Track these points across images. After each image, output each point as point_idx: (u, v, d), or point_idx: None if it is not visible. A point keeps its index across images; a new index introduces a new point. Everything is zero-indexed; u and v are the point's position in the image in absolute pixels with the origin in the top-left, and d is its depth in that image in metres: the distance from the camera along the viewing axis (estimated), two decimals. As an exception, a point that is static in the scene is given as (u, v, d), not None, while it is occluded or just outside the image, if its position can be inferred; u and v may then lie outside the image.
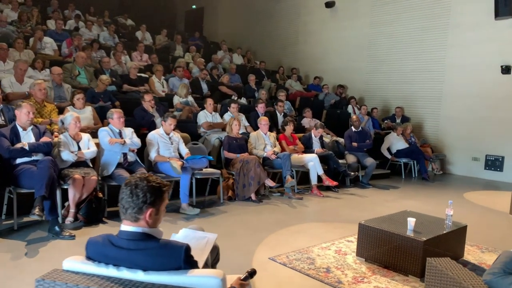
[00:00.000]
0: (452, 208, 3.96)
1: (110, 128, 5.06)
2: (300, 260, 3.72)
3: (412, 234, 3.58)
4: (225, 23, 16.00)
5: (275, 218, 5.14)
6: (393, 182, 8.28)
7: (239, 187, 5.93)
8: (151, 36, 12.32)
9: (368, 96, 11.43)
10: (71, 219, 4.45)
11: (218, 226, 4.71)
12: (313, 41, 12.79)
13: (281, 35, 13.79)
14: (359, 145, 7.65)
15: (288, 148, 6.82)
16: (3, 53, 6.40)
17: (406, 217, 3.89)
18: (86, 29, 10.49)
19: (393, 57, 10.83)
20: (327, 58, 12.39)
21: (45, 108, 5.29)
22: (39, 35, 8.22)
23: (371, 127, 9.55)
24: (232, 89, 9.47)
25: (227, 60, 12.54)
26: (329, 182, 6.58)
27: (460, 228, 3.95)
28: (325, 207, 5.92)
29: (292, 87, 11.38)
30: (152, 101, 6.14)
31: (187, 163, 5.12)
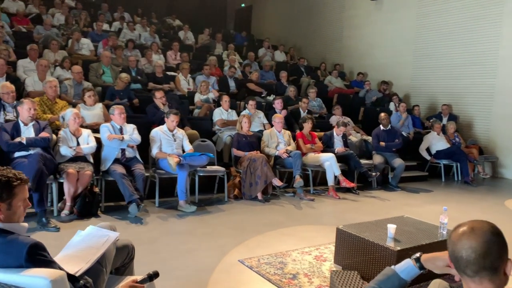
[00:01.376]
0: (447, 216, 3.53)
1: (112, 124, 5.15)
2: (270, 264, 3.51)
3: (391, 242, 3.23)
4: (272, 21, 15.87)
5: (271, 219, 4.93)
6: (429, 185, 7.66)
7: (245, 185, 5.79)
8: (193, 36, 12.53)
9: (414, 92, 10.71)
10: (67, 212, 4.59)
11: (207, 224, 4.61)
12: (358, 36, 12.24)
13: (326, 31, 13.38)
14: (386, 145, 7.16)
15: (305, 147, 6.55)
16: (33, 53, 6.79)
17: (395, 223, 3.54)
18: (127, 30, 10.88)
19: (441, 51, 10.04)
20: (372, 53, 11.79)
21: (56, 104, 5.52)
22: (76, 36, 8.65)
23: (411, 125, 8.92)
24: (263, 86, 9.32)
25: (268, 58, 12.43)
26: (346, 184, 6.22)
27: (455, 238, 3.49)
28: (333, 209, 5.60)
29: (331, 83, 10.98)
30: (163, 98, 6.18)
31: (184, 160, 5.07)
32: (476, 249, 1.28)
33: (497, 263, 1.28)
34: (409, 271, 1.58)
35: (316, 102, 8.95)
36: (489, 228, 1.31)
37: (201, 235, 4.28)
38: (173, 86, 7.90)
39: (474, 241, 1.29)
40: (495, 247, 1.28)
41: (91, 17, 11.76)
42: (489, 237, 1.29)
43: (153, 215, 4.84)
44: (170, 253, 3.69)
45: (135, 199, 4.63)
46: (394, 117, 8.90)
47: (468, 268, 1.30)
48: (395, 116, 8.91)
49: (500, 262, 1.28)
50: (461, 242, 1.31)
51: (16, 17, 9.70)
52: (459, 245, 1.31)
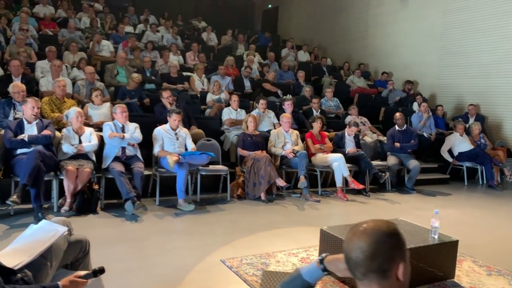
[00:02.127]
0: (438, 219, 3.33)
1: (114, 123, 5.23)
2: (251, 265, 3.43)
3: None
4: (298, 21, 15.72)
5: (269, 220, 4.84)
6: (449, 188, 7.31)
7: (249, 185, 5.73)
8: (216, 37, 12.61)
9: (440, 92, 10.28)
10: (67, 208, 4.68)
11: (202, 223, 4.58)
12: (383, 34, 11.90)
13: (351, 30, 13.10)
14: (401, 146, 6.89)
15: (314, 147, 6.41)
16: (51, 55, 7.01)
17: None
18: (150, 32, 11.07)
19: (468, 48, 9.58)
20: (397, 52, 11.43)
21: (65, 104, 5.67)
22: (97, 38, 8.89)
23: (433, 126, 8.55)
24: (281, 86, 9.23)
25: (291, 58, 12.32)
26: (354, 185, 6.03)
27: (447, 244, 3.29)
28: (337, 211, 5.44)
29: (353, 83, 10.73)
30: (170, 97, 6.22)
31: (184, 159, 5.07)
32: (364, 250, 1.17)
33: (386, 266, 1.16)
34: (312, 273, 1.47)
35: (333, 102, 8.76)
36: (382, 228, 1.20)
37: (193, 234, 4.25)
38: (187, 86, 7.95)
39: (363, 242, 1.18)
40: (385, 249, 1.16)
41: (118, 20, 12.05)
42: (379, 237, 1.17)
43: (150, 213, 4.87)
44: (155, 251, 3.68)
45: (131, 196, 4.67)
46: (415, 117, 8.57)
47: (357, 270, 1.19)
48: (416, 116, 8.58)
49: (390, 265, 1.16)
50: (352, 242, 1.21)
51: (43, 21, 10.09)
52: (350, 246, 1.21)
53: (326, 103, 8.74)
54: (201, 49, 11.43)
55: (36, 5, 11.20)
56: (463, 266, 3.64)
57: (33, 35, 8.82)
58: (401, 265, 1.16)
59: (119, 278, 3.06)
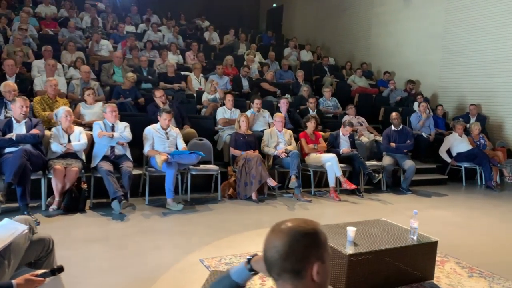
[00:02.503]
0: (417, 220, 3.28)
1: (104, 122, 5.24)
2: (229, 265, 3.41)
3: (348, 246, 3.03)
4: (302, 20, 15.66)
5: (256, 219, 4.82)
6: (447, 189, 7.21)
7: (240, 185, 5.71)
8: (219, 36, 12.61)
9: (442, 92, 10.15)
10: (55, 206, 4.71)
11: (188, 223, 4.57)
12: (386, 33, 11.79)
13: (354, 29, 13.00)
14: (397, 146, 6.81)
15: (307, 147, 6.37)
16: (47, 54, 7.06)
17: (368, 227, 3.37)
18: (151, 31, 11.10)
19: (471, 47, 9.45)
20: (400, 51, 11.32)
21: (57, 103, 5.69)
22: (95, 38, 8.94)
23: (432, 126, 8.44)
24: (280, 86, 9.20)
25: (293, 57, 12.28)
26: (347, 185, 5.98)
27: (426, 244, 3.24)
28: (327, 212, 5.39)
29: (354, 83, 10.65)
30: (162, 97, 6.22)
31: (172, 158, 5.06)
32: (278, 249, 1.15)
33: (299, 266, 1.13)
34: (240, 273, 1.45)
35: (331, 101, 8.70)
36: (299, 227, 1.17)
37: (177, 233, 4.25)
38: (184, 86, 7.95)
39: (279, 241, 1.16)
40: (299, 248, 1.14)
41: (121, 20, 12.10)
42: (294, 237, 1.15)
43: (138, 212, 4.87)
44: (135, 250, 3.68)
45: (118, 196, 4.68)
46: (414, 117, 8.48)
47: (272, 270, 1.17)
48: (415, 116, 8.48)
49: (304, 265, 1.13)
50: (269, 241, 1.18)
51: (44, 20, 10.17)
52: (267, 245, 1.19)
53: (324, 103, 8.68)
54: (203, 48, 11.44)
55: (38, 5, 11.29)
56: (445, 267, 3.58)
57: (33, 34, 8.89)
58: (315, 266, 1.13)
59: (92, 277, 3.07)
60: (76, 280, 2.99)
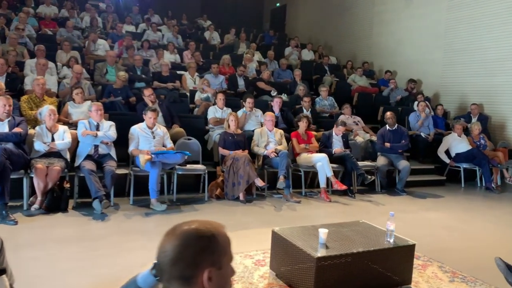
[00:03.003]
0: (394, 222, 3.16)
1: (89, 121, 5.20)
2: (201, 267, 3.32)
3: (318, 248, 2.93)
4: (304, 19, 15.53)
5: (239, 220, 4.73)
6: (444, 190, 7.03)
7: (228, 185, 5.62)
8: (219, 36, 12.55)
9: (444, 91, 9.95)
10: (37, 206, 4.67)
11: (169, 223, 4.43)
12: (387, 32, 11.62)
13: (355, 28, 12.84)
14: (391, 146, 6.67)
15: (298, 147, 6.26)
16: (40, 53, 7.05)
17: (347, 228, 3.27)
18: (151, 31, 11.08)
19: (473, 46, 9.24)
20: (401, 50, 11.14)
21: (44, 102, 5.66)
22: (92, 37, 8.93)
23: (432, 126, 8.27)
24: (278, 85, 9.10)
25: (294, 56, 12.19)
26: (338, 186, 5.86)
27: (402, 248, 3.12)
28: (314, 213, 5.27)
29: (355, 82, 10.50)
30: (151, 95, 6.16)
31: (156, 158, 4.99)
32: (168, 254, 1.06)
33: (188, 272, 1.04)
34: (146, 279, 1.36)
35: (328, 101, 8.57)
36: (194, 231, 1.08)
37: (155, 234, 4.16)
38: (178, 85, 7.90)
39: (169, 245, 1.07)
40: (189, 253, 1.05)
41: (122, 20, 12.09)
42: (186, 241, 1.06)
43: (121, 212, 4.81)
44: (108, 251, 3.62)
45: (99, 195, 4.63)
46: (413, 116, 8.32)
47: (163, 276, 1.08)
48: (413, 116, 8.32)
49: (194, 271, 1.04)
50: (162, 245, 1.09)
51: (44, 20, 10.21)
52: (159, 249, 1.09)
53: (320, 102, 8.56)
54: (202, 48, 11.39)
55: (40, 5, 11.35)
56: (426, 271, 3.45)
57: (30, 34, 8.91)
58: (206, 272, 1.04)
59: (55, 278, 3.02)
60: (38, 280, 2.93)
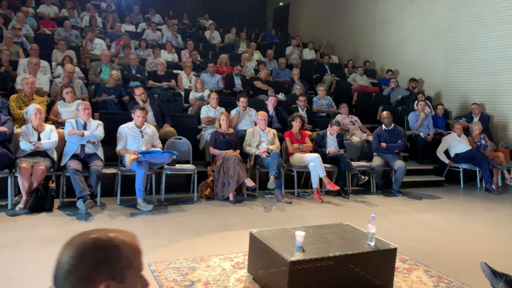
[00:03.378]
0: (375, 224, 3.05)
1: (76, 120, 5.14)
2: (177, 269, 3.24)
3: (295, 251, 2.83)
4: (307, 18, 15.42)
5: (226, 221, 4.64)
6: (442, 191, 6.89)
7: (218, 185, 5.53)
8: (220, 35, 12.48)
9: (446, 91, 9.78)
10: (21, 206, 4.61)
11: (152, 224, 4.42)
12: (390, 31, 11.46)
13: (358, 27, 12.70)
14: (387, 146, 6.53)
15: (292, 147, 6.16)
16: (33, 52, 7.03)
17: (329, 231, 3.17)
18: (150, 30, 11.05)
19: (475, 44, 9.06)
20: (403, 49, 10.97)
21: (33, 101, 5.63)
22: (89, 36, 8.92)
23: (431, 126, 8.11)
24: (274, 84, 8.99)
25: (296, 56, 12.08)
26: (330, 186, 5.74)
27: (383, 251, 3.00)
28: (304, 214, 5.16)
29: (355, 81, 10.36)
30: (142, 95, 6.09)
31: (142, 157, 4.92)
32: (62, 266, 0.96)
33: (81, 287, 0.94)
34: None
35: (326, 100, 8.45)
36: (91, 240, 0.98)
37: (137, 235, 4.07)
38: (173, 84, 7.83)
39: (65, 256, 0.97)
40: (84, 266, 0.94)
41: (122, 19, 12.07)
42: (81, 252, 0.96)
43: (106, 212, 4.75)
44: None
45: (84, 195, 4.57)
46: (412, 116, 8.17)
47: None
48: (412, 115, 8.17)
49: (88, 285, 0.94)
50: (58, 256, 1.00)
51: (43, 20, 10.21)
52: (56, 260, 1.00)
53: (318, 101, 8.44)
54: (202, 47, 11.34)
55: (40, 5, 11.36)
56: (411, 276, 3.33)
57: (28, 34, 8.91)
58: (103, 285, 0.95)
59: (27, 279, 2.95)
60: (12, 282, 2.87)
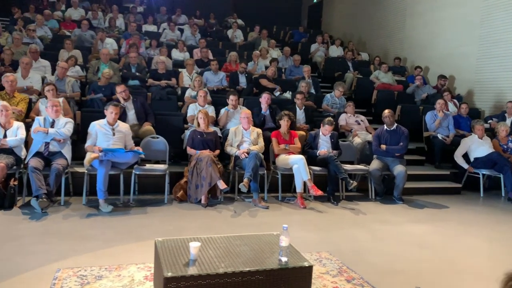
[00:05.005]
0: (288, 236, 2.59)
1: (45, 118, 5.06)
2: (81, 277, 2.96)
3: (185, 266, 2.45)
4: (340, 15, 14.78)
5: (179, 227, 4.32)
6: (454, 200, 6.11)
7: (191, 187, 5.22)
8: (242, 34, 12.23)
9: (479, 88, 8.81)
10: (-18, 203, 4.60)
11: (99, 226, 4.19)
12: (420, 24, 10.59)
13: (389, 22, 11.89)
14: (387, 148, 5.89)
15: (277, 147, 5.72)
16: (32, 54, 7.12)
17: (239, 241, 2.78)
18: (169, 30, 11.02)
19: (510, 36, 8.08)
20: (434, 43, 10.08)
21: (14, 99, 5.65)
22: (100, 36, 8.99)
23: (452, 127, 7.28)
24: (282, 82, 8.55)
25: (321, 53, 11.56)
26: (313, 191, 5.24)
27: (292, 270, 2.53)
28: (271, 221, 4.68)
29: (378, 79, 9.65)
30: (123, 92, 5.92)
31: (104, 156, 4.73)
32: None
33: None
34: None
35: (340, 100, 7.86)
36: None
37: (74, 237, 3.84)
38: (173, 82, 7.64)
39: None
40: None
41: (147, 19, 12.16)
42: None
43: (63, 212, 4.59)
44: (4, 255, 3.37)
45: (40, 194, 4.45)
46: (429, 116, 7.39)
47: None
48: (430, 115, 7.39)
49: None
50: None
51: (65, 22, 10.49)
52: None
53: (330, 100, 7.87)
54: (223, 46, 11.14)
55: (68, 9, 11.72)
56: (345, 300, 2.83)
57: (44, 35, 9.15)
58: None
59: None
60: None
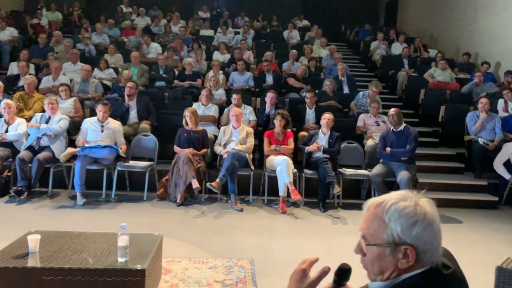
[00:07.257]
0: (127, 235, 2.40)
1: (43, 114, 5.43)
2: None
3: (15, 259, 2.41)
4: (413, 11, 13.63)
5: (133, 223, 4.21)
6: (479, 215, 5.20)
7: (171, 185, 5.18)
8: (299, 34, 11.92)
9: (553, 85, 7.38)
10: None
11: (54, 221, 4.34)
12: (492, 14, 9.23)
13: (460, 14, 10.59)
14: (392, 152, 5.18)
15: (267, 148, 5.40)
16: (73, 57, 7.75)
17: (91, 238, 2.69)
18: (221, 33, 11.19)
19: None
20: (506, 35, 8.70)
21: (32, 98, 6.18)
22: (145, 40, 9.44)
23: (498, 130, 6.17)
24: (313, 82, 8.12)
25: (381, 51, 10.78)
26: (293, 195, 4.82)
27: (119, 271, 2.32)
28: (234, 224, 4.40)
29: (432, 77, 8.63)
30: (128, 88, 6.10)
31: (81, 152, 4.92)
32: None
33: None
34: None
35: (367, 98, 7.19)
36: None
37: (22, 227, 4.01)
38: (196, 83, 7.70)
39: None
40: None
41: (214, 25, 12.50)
42: None
43: (41, 202, 4.88)
44: None
45: (22, 185, 4.79)
46: (469, 118, 6.36)
47: None
48: (470, 116, 6.36)
49: None
50: None
51: (125, 30, 11.26)
52: None
53: (362, 99, 7.23)
54: (274, 47, 10.97)
55: (135, 18, 12.57)
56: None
57: (100, 43, 9.92)
58: None
59: None
60: None
